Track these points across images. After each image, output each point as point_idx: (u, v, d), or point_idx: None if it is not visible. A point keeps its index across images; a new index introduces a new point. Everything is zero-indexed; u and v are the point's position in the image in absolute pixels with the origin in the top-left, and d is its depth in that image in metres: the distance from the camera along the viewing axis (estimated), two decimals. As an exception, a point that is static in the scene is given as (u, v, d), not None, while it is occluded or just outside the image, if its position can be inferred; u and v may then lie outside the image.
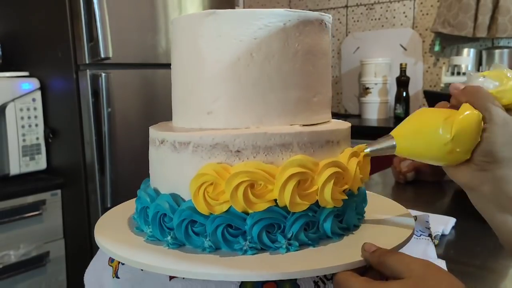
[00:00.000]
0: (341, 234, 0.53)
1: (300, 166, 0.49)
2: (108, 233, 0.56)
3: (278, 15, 0.53)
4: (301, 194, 0.49)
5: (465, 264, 0.76)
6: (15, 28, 1.90)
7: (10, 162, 1.71)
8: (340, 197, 0.51)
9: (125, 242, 0.53)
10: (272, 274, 0.44)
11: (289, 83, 0.54)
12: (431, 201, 1.15)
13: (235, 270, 0.45)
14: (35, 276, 1.72)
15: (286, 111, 0.54)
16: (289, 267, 0.45)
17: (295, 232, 0.49)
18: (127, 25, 1.76)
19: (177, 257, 0.49)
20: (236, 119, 0.53)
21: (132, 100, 1.81)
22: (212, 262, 0.47)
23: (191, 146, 0.51)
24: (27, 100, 1.75)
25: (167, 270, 0.46)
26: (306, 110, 0.56)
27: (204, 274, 0.45)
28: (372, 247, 0.46)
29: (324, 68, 0.58)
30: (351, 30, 2.84)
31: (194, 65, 0.55)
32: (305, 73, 0.55)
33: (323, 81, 0.58)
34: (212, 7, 2.05)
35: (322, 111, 0.59)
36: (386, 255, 0.45)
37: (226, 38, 0.53)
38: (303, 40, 0.54)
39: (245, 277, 0.45)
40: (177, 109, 0.60)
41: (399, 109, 2.49)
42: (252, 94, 0.53)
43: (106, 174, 1.70)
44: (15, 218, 1.65)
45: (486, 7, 2.27)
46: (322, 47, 0.57)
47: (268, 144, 0.50)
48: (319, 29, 0.57)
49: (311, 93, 0.56)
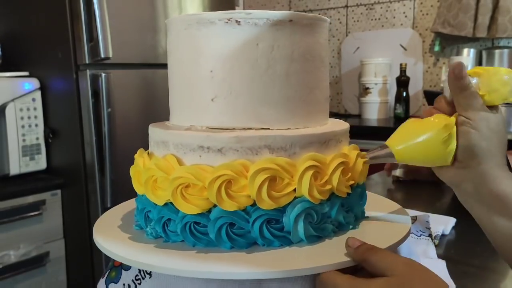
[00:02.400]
0: (335, 232, 0.53)
1: (314, 160, 0.50)
2: (107, 233, 0.56)
3: (273, 16, 0.53)
4: (316, 186, 0.50)
5: (465, 264, 0.76)
6: (15, 28, 1.90)
7: (10, 162, 1.71)
8: (347, 184, 0.52)
9: (124, 242, 0.53)
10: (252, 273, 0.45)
11: (286, 83, 0.54)
12: (431, 201, 1.15)
13: (246, 267, 0.45)
14: (35, 276, 1.72)
15: (283, 112, 0.54)
16: (272, 266, 0.46)
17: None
18: (127, 25, 1.76)
19: (178, 256, 0.49)
20: (233, 119, 0.54)
21: (132, 100, 1.81)
22: (215, 260, 0.48)
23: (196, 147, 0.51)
24: (27, 100, 1.75)
25: (169, 269, 0.46)
26: (303, 111, 0.56)
27: (206, 273, 0.45)
28: (356, 243, 0.46)
29: (320, 69, 0.58)
30: (351, 30, 2.84)
31: (191, 64, 0.55)
32: (302, 73, 0.55)
33: (321, 82, 0.58)
34: (212, 7, 2.05)
35: (319, 112, 0.59)
36: (370, 251, 0.44)
37: (222, 39, 0.53)
38: (299, 41, 0.54)
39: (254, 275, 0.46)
40: (174, 108, 0.61)
41: (399, 109, 2.49)
42: (249, 94, 0.53)
43: (106, 174, 1.70)
44: (15, 218, 1.65)
45: (486, 7, 2.27)
46: (319, 48, 0.57)
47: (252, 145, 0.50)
48: (316, 30, 0.56)
49: (308, 94, 0.56)
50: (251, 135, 0.50)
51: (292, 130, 0.54)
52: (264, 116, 0.54)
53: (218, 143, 0.50)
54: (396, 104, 2.51)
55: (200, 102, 0.55)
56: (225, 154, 0.50)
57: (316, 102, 0.58)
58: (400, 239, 0.52)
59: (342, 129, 0.56)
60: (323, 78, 0.59)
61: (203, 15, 0.53)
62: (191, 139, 0.51)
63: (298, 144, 0.51)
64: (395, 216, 0.61)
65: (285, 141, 0.50)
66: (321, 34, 0.57)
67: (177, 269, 0.46)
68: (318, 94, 0.58)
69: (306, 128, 0.56)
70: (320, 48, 0.57)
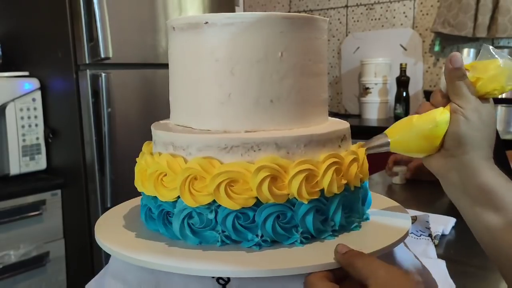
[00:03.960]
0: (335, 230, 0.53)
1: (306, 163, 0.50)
2: (108, 232, 0.56)
3: (275, 16, 0.53)
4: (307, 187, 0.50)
5: (465, 264, 0.76)
6: (15, 28, 1.90)
7: (10, 162, 1.71)
8: (340, 183, 0.52)
9: (125, 241, 0.53)
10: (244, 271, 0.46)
11: (288, 85, 0.54)
12: (431, 201, 1.15)
13: (244, 266, 0.46)
14: (35, 276, 1.72)
15: (284, 114, 0.55)
16: (259, 265, 0.46)
17: (309, 224, 0.50)
18: (127, 25, 1.76)
19: (180, 254, 0.49)
20: (234, 121, 0.54)
21: (132, 100, 1.81)
22: (218, 258, 0.48)
23: None
24: (27, 100, 1.75)
25: (171, 267, 0.47)
26: (302, 112, 0.56)
27: (204, 271, 0.46)
28: (344, 249, 0.46)
29: (320, 70, 0.58)
30: (351, 30, 2.84)
31: (192, 66, 0.55)
32: (301, 74, 0.55)
33: (320, 83, 0.58)
34: (212, 7, 2.04)
35: (318, 113, 0.59)
36: (356, 257, 0.45)
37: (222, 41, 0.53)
38: (298, 42, 0.54)
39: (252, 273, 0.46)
40: (175, 108, 0.61)
41: (399, 109, 2.49)
42: (250, 96, 0.53)
43: (106, 174, 1.70)
44: (15, 218, 1.65)
45: (486, 7, 2.27)
46: (317, 48, 0.57)
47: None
48: (315, 31, 0.57)
49: (306, 95, 0.56)
50: (262, 136, 0.50)
51: (297, 130, 0.54)
52: (268, 117, 0.54)
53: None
54: (396, 104, 2.51)
55: (202, 104, 0.55)
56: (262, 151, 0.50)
57: (318, 101, 0.58)
58: (399, 239, 0.52)
59: (346, 127, 0.57)
60: (323, 78, 0.59)
61: (206, 16, 0.53)
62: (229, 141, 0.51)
63: (310, 143, 0.51)
64: (395, 215, 0.61)
65: (292, 140, 0.51)
66: (321, 33, 0.57)
67: (187, 267, 0.46)
68: (320, 93, 0.58)
69: (308, 127, 0.56)
70: (320, 45, 0.57)
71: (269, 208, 0.49)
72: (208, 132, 0.54)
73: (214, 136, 0.51)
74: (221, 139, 0.51)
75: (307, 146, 0.52)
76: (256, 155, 0.50)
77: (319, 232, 0.52)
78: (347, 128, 0.58)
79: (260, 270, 0.46)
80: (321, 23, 0.58)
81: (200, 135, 0.52)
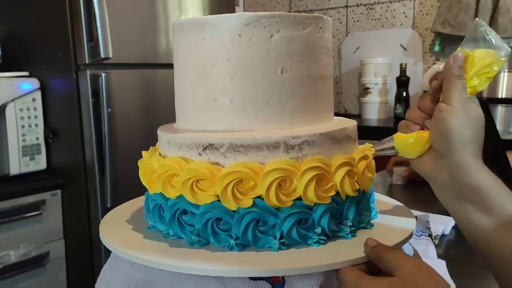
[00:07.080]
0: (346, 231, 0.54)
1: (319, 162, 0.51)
2: (113, 232, 0.57)
3: (279, 16, 0.53)
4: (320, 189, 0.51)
5: (465, 264, 0.76)
6: (15, 28, 1.90)
7: (10, 162, 1.71)
8: (354, 188, 0.53)
9: (130, 240, 0.54)
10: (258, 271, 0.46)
11: (293, 84, 0.54)
12: (431, 201, 1.15)
13: (257, 267, 0.46)
14: (35, 276, 1.72)
15: (289, 113, 0.55)
16: (279, 265, 0.47)
17: (325, 225, 0.51)
18: (127, 25, 1.76)
19: (181, 254, 0.49)
20: (243, 120, 0.54)
21: (132, 100, 1.81)
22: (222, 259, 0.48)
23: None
24: (27, 100, 1.75)
25: (176, 267, 0.47)
26: (306, 113, 0.56)
27: (207, 270, 0.46)
28: (374, 242, 0.48)
29: (325, 70, 0.58)
30: (351, 30, 2.84)
31: (197, 67, 0.55)
32: (308, 74, 0.55)
33: (326, 83, 0.59)
34: (212, 7, 2.04)
35: (325, 112, 0.59)
36: (384, 250, 0.47)
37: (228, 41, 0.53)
38: (302, 42, 0.54)
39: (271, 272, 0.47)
40: (181, 110, 0.61)
41: (399, 109, 2.48)
42: (257, 96, 0.53)
43: (106, 174, 1.70)
44: (15, 218, 1.65)
45: (486, 7, 2.27)
46: (321, 47, 0.57)
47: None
48: (318, 30, 0.57)
49: (312, 95, 0.56)
50: (266, 136, 0.51)
51: (305, 129, 0.54)
52: (276, 117, 0.54)
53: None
54: (396, 104, 2.50)
55: (208, 105, 0.55)
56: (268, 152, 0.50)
57: (325, 100, 0.59)
58: (404, 239, 0.53)
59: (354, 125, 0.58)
60: (329, 75, 0.60)
61: (210, 18, 0.53)
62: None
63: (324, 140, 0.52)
64: (400, 215, 0.61)
65: (297, 140, 0.51)
66: (325, 31, 0.58)
67: (190, 267, 0.47)
68: (327, 91, 0.59)
69: (315, 126, 0.56)
70: (324, 43, 0.58)
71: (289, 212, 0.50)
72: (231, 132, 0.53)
73: (254, 136, 0.51)
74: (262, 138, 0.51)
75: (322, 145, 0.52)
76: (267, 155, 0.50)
77: (334, 232, 0.53)
78: (355, 126, 0.59)
79: (281, 269, 0.46)
80: (325, 21, 0.58)
81: (230, 134, 0.52)
